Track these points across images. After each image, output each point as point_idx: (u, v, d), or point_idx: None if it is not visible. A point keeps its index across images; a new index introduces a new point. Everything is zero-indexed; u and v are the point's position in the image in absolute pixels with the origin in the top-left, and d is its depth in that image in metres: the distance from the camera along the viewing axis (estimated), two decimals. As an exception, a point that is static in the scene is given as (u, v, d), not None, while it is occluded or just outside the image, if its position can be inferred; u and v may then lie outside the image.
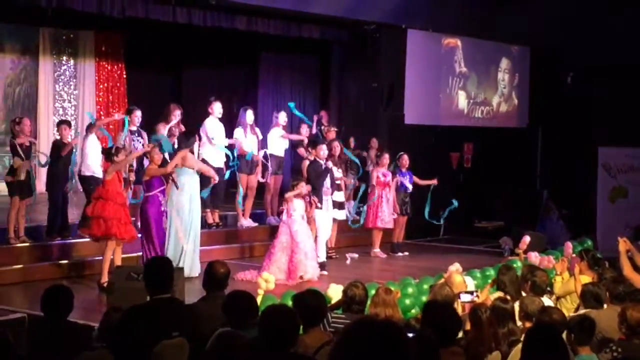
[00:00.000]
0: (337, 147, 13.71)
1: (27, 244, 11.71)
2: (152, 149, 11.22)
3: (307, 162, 13.21)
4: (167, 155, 11.46)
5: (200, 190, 11.89)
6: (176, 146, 12.07)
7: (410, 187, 14.38)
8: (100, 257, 10.89)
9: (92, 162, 12.27)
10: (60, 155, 12.02)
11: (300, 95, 18.28)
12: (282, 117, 14.61)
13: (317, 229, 12.47)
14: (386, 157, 14.14)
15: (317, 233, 12.45)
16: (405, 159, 14.31)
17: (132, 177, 12.17)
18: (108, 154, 11.04)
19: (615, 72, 17.98)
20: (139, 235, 11.14)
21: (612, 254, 10.90)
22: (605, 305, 7.79)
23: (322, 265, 12.27)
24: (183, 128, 13.00)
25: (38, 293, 6.56)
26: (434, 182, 14.55)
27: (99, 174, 12.09)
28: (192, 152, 11.82)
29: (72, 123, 16.18)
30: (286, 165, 14.96)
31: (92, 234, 10.75)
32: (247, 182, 13.89)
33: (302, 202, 11.92)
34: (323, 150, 12.99)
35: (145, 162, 11.89)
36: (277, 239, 11.79)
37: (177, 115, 13.10)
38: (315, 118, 15.85)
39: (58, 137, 12.41)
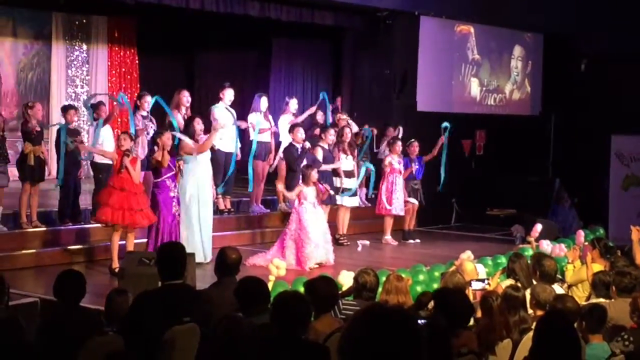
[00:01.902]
0: (348, 133, 13.72)
1: (39, 229, 11.74)
2: (162, 131, 11.19)
3: (319, 149, 13.31)
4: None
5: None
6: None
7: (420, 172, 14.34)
8: (113, 243, 10.95)
9: (105, 149, 12.23)
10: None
11: (312, 82, 18.26)
12: (293, 105, 14.55)
13: None
14: (399, 144, 14.11)
15: None
16: (415, 146, 14.26)
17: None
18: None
19: (630, 59, 17.89)
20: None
21: (624, 243, 10.89)
22: (612, 299, 7.77)
23: None
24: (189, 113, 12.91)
25: (50, 278, 6.58)
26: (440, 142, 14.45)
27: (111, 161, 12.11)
28: (202, 134, 11.74)
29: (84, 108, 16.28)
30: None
31: (102, 220, 10.76)
32: (262, 168, 13.90)
33: (314, 188, 11.92)
34: (300, 132, 13.07)
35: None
36: (288, 227, 11.82)
37: (184, 97, 12.96)
38: (331, 106, 15.85)
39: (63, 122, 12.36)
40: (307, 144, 13.10)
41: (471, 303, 6.48)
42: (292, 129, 13.32)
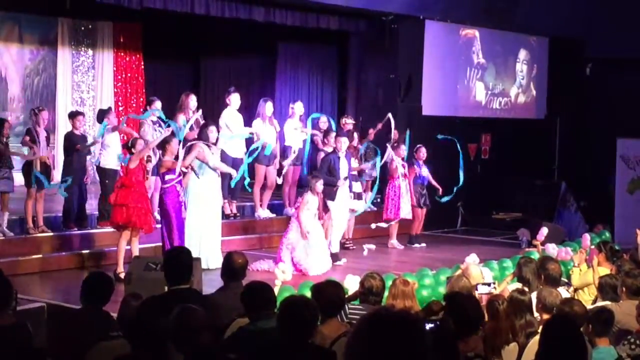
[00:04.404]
0: (355, 138, 13.75)
1: (46, 234, 11.76)
2: (170, 137, 11.22)
3: (322, 154, 13.29)
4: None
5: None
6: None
7: (428, 177, 14.34)
8: (119, 248, 10.97)
9: (111, 154, 12.28)
10: (76, 148, 12.03)
11: (318, 86, 18.27)
12: (299, 108, 14.54)
13: (332, 220, 12.49)
14: (402, 148, 14.11)
15: (332, 224, 12.47)
16: (423, 152, 14.24)
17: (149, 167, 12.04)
18: (128, 148, 11.09)
19: (635, 63, 17.88)
20: (158, 226, 11.18)
21: (629, 246, 10.89)
22: (619, 302, 7.77)
23: (334, 257, 12.27)
24: (202, 120, 12.93)
25: (57, 283, 6.60)
26: (439, 190, 14.40)
27: (117, 166, 12.13)
28: (214, 144, 11.73)
29: (90, 114, 16.33)
30: (304, 156, 14.95)
31: (114, 221, 10.77)
32: (265, 173, 13.89)
33: (317, 198, 11.88)
34: (342, 142, 12.97)
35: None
36: (285, 235, 11.79)
37: (191, 100, 12.99)
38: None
39: (70, 129, 12.39)
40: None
41: (481, 309, 6.48)
42: (335, 137, 13.24)
